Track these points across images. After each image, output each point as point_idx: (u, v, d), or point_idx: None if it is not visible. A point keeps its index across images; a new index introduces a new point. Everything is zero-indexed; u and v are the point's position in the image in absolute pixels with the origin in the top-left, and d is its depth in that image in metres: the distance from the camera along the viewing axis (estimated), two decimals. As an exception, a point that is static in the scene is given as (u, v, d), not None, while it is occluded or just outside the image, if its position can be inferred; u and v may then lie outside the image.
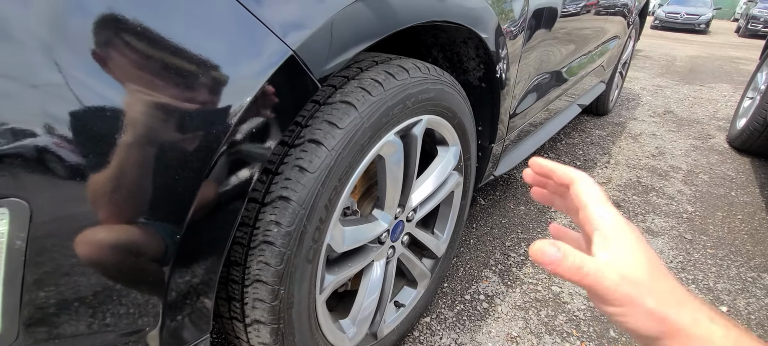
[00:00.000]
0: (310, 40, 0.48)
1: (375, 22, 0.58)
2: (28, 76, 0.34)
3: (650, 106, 3.41)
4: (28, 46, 0.34)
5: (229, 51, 0.43)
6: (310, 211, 0.58)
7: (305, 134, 0.58)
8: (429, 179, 0.90)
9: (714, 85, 4.38)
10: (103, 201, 0.39)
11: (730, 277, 1.41)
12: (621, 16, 2.17)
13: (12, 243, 0.36)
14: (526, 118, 1.38)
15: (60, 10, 0.35)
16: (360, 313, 0.83)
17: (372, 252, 0.80)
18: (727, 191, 2.01)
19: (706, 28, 11.98)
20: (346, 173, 0.62)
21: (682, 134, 2.78)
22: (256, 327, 0.62)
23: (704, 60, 6.23)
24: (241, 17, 0.43)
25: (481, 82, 1.01)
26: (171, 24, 0.39)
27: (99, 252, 0.40)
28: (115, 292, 0.43)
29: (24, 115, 0.35)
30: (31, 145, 0.35)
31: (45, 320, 0.40)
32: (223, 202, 0.47)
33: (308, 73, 0.49)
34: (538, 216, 1.69)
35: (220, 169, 0.45)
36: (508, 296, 1.25)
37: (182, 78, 0.40)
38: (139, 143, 0.39)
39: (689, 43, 8.58)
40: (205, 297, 0.52)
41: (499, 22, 0.90)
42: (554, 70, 1.47)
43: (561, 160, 2.24)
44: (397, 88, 0.67)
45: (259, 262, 0.57)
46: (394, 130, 0.70)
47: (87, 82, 0.36)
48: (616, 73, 2.75)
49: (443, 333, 1.11)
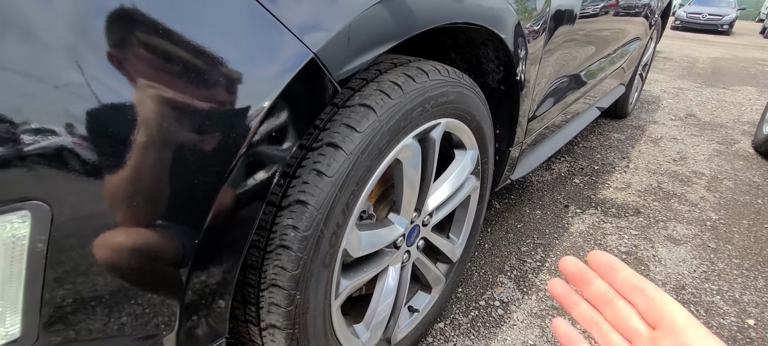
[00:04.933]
0: (331, 43, 0.47)
1: (395, 24, 0.57)
2: (51, 77, 0.34)
3: (671, 110, 3.32)
4: (51, 46, 0.34)
5: (250, 54, 0.42)
6: (328, 215, 0.57)
7: (323, 138, 0.58)
8: (446, 183, 0.88)
9: (738, 88, 4.24)
10: (124, 204, 0.38)
11: (757, 288, 1.36)
12: (643, 16, 2.11)
13: (33, 246, 0.36)
14: (545, 121, 1.35)
15: (82, 12, 0.35)
16: (374, 318, 0.82)
17: (387, 257, 0.79)
18: (753, 199, 1.94)
19: (729, 29, 11.63)
20: (363, 177, 0.61)
21: (705, 139, 2.69)
22: (272, 332, 0.62)
23: (728, 62, 6.05)
24: (262, 20, 0.42)
25: (499, 84, 0.99)
26: (194, 27, 0.39)
27: (119, 255, 0.40)
28: (134, 294, 0.43)
29: (45, 116, 0.34)
30: (52, 147, 0.35)
31: (65, 322, 0.40)
32: (242, 205, 0.46)
33: (328, 75, 0.49)
34: (555, 221, 1.65)
35: (240, 172, 0.44)
36: (524, 303, 1.23)
37: (204, 81, 0.39)
38: (160, 146, 0.38)
39: (712, 45, 8.34)
40: (222, 300, 0.52)
41: (520, 22, 0.88)
42: (574, 72, 1.44)
43: (578, 163, 2.20)
44: (416, 91, 0.66)
45: (275, 266, 0.57)
46: (412, 133, 0.68)
47: (108, 84, 0.36)
48: (636, 75, 2.68)
49: (457, 339, 1.10)
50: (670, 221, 1.72)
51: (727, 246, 1.57)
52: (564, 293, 0.32)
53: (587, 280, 0.31)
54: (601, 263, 0.31)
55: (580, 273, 0.31)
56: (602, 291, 0.30)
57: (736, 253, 1.53)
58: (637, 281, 0.29)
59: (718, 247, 1.57)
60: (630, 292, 0.29)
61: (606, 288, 0.30)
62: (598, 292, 0.30)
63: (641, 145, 2.51)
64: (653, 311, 0.27)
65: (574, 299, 0.32)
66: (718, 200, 1.91)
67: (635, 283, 0.29)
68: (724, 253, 1.53)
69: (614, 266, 0.30)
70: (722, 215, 1.79)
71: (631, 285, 0.29)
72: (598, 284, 0.31)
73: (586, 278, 0.31)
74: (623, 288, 0.29)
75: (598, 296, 0.30)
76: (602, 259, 0.31)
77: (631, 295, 0.29)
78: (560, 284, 0.33)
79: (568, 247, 1.50)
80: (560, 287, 0.32)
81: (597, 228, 1.63)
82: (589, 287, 0.31)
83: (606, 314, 0.30)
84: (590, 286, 0.31)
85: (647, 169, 2.19)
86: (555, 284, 0.33)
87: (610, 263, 0.30)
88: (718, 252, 1.54)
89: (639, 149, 2.45)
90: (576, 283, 0.32)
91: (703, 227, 1.69)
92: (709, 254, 1.52)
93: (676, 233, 1.64)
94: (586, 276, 0.31)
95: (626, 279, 0.29)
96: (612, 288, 0.30)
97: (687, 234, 1.64)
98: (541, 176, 2.05)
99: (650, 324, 0.27)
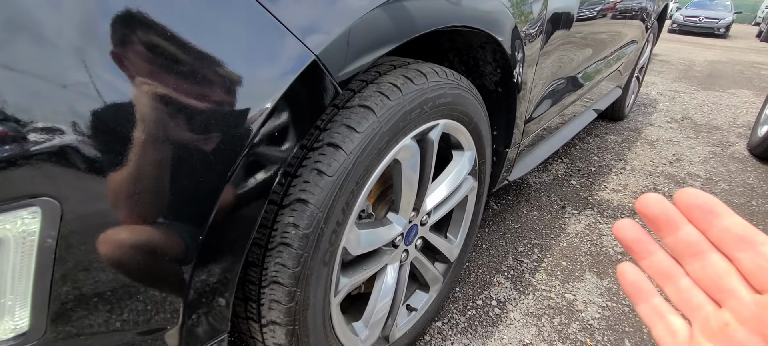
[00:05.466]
0: (332, 45, 0.49)
1: (395, 27, 0.58)
2: (59, 76, 0.35)
3: (667, 112, 3.34)
4: (59, 47, 0.35)
5: (254, 56, 0.43)
6: (328, 214, 0.58)
7: (324, 138, 0.59)
8: (444, 183, 0.90)
9: (734, 91, 4.28)
10: (131, 201, 0.40)
11: (750, 289, 1.37)
12: (639, 20, 2.13)
13: (43, 241, 0.37)
14: (542, 122, 1.37)
15: (90, 13, 0.36)
16: (373, 316, 0.83)
17: (386, 255, 0.80)
18: (747, 200, 1.96)
19: (725, 32, 11.71)
20: (363, 177, 0.62)
21: (700, 141, 2.71)
22: (272, 328, 0.63)
23: (724, 65, 6.09)
24: (265, 22, 0.44)
25: (497, 86, 1.00)
26: (198, 28, 0.40)
27: (125, 251, 0.41)
28: (138, 290, 0.44)
29: (55, 115, 0.35)
30: (61, 145, 0.36)
31: (71, 316, 0.41)
32: (244, 204, 0.47)
33: (330, 77, 0.50)
34: (551, 222, 1.67)
35: (243, 172, 0.45)
36: (521, 303, 1.24)
37: (208, 82, 0.41)
38: (165, 145, 0.40)
39: (708, 48, 8.40)
40: (224, 297, 0.53)
41: (517, 25, 0.89)
42: (570, 74, 1.46)
43: (575, 165, 2.22)
44: (415, 92, 0.67)
45: (276, 263, 0.58)
46: (411, 134, 0.70)
47: (115, 85, 0.37)
48: (632, 78, 2.70)
49: (455, 338, 1.11)
50: (665, 222, 1.73)
51: (722, 247, 1.59)
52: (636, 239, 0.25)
53: (673, 225, 0.23)
54: (697, 206, 0.23)
55: (664, 216, 0.24)
56: (691, 240, 0.23)
57: (730, 254, 1.55)
58: (746, 232, 0.22)
59: (713, 248, 1.58)
60: (734, 245, 0.22)
61: (697, 237, 0.23)
62: (685, 240, 0.23)
63: (637, 147, 2.53)
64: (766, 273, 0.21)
65: (649, 246, 0.25)
66: (712, 202, 1.93)
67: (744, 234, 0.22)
68: (718, 254, 1.55)
69: (715, 211, 0.22)
70: (717, 216, 1.81)
71: (738, 236, 0.22)
72: (687, 231, 0.23)
73: (672, 223, 0.23)
74: (724, 240, 0.22)
75: (684, 245, 0.23)
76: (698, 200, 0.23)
77: (735, 249, 0.22)
78: (632, 227, 0.25)
79: (564, 247, 1.52)
80: (632, 230, 0.25)
81: (593, 229, 1.65)
82: (674, 235, 0.23)
83: (690, 269, 0.23)
84: (676, 233, 0.23)
85: (643, 170, 2.21)
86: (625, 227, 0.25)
87: (709, 207, 0.22)
88: (713, 253, 1.55)
89: (635, 151, 2.47)
90: (656, 229, 0.24)
91: (697, 228, 1.71)
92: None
93: (671, 234, 1.66)
94: (673, 220, 0.23)
95: (731, 228, 0.22)
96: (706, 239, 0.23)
97: (682, 235, 1.65)
98: (539, 177, 2.07)
99: (757, 287, 0.21)
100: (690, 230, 0.23)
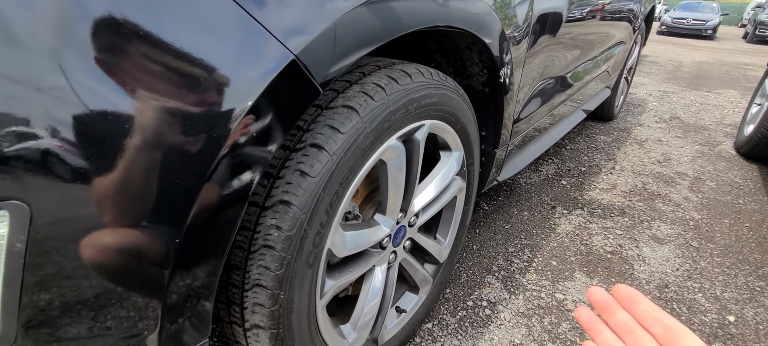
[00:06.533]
0: (312, 44, 0.48)
1: (377, 27, 0.58)
2: (31, 79, 0.34)
3: (656, 112, 3.38)
4: (31, 49, 0.34)
5: (231, 55, 0.43)
6: (311, 215, 0.58)
7: (307, 138, 0.58)
8: (431, 184, 0.90)
9: (721, 91, 4.34)
10: (103, 204, 0.39)
11: (737, 286, 1.39)
12: (626, 21, 2.16)
13: (12, 246, 0.36)
14: (530, 123, 1.38)
15: (62, 13, 0.36)
16: (361, 318, 0.82)
17: (373, 257, 0.80)
18: (734, 199, 1.99)
19: (713, 34, 11.91)
20: (347, 178, 0.62)
21: (688, 140, 2.75)
22: (256, 332, 0.62)
23: (711, 66, 6.19)
24: (243, 22, 0.43)
25: (484, 87, 1.00)
26: (173, 28, 0.39)
27: (98, 255, 0.40)
28: (114, 295, 0.43)
29: (25, 117, 0.35)
30: (32, 148, 0.35)
31: (44, 322, 0.40)
32: (223, 205, 0.47)
33: (310, 77, 0.49)
34: (542, 222, 1.68)
35: (221, 172, 0.45)
36: (511, 303, 1.24)
37: (184, 81, 0.40)
38: (139, 146, 0.39)
39: (696, 49, 8.52)
40: (205, 301, 0.52)
41: (503, 27, 0.90)
42: (559, 75, 1.47)
43: (565, 165, 2.23)
44: (399, 92, 0.67)
45: (259, 266, 0.57)
46: (396, 134, 0.69)
47: (88, 85, 0.36)
48: (621, 79, 2.73)
49: (445, 340, 1.10)
50: (654, 221, 1.75)
51: (709, 245, 1.61)
52: (590, 320, 0.35)
53: (611, 309, 0.34)
54: (624, 296, 0.33)
55: (604, 302, 0.34)
56: (625, 320, 0.33)
57: (717, 252, 1.57)
58: (656, 313, 0.32)
59: (701, 246, 1.60)
60: (650, 323, 0.32)
61: (628, 318, 0.33)
62: (621, 321, 0.33)
63: (627, 147, 2.56)
64: (671, 341, 0.30)
65: (598, 326, 0.34)
66: (700, 200, 1.95)
67: (655, 315, 0.32)
68: (706, 252, 1.57)
69: (636, 299, 0.33)
70: (705, 214, 1.83)
71: (652, 316, 0.32)
72: (621, 314, 0.33)
73: (610, 308, 0.34)
74: (644, 319, 0.32)
75: (621, 324, 0.33)
76: (625, 292, 0.34)
77: (651, 325, 0.32)
78: (586, 312, 0.35)
79: (555, 247, 1.52)
80: (586, 314, 0.35)
81: (583, 228, 1.65)
82: (613, 316, 0.34)
83: (628, 342, 0.33)
84: (614, 315, 0.34)
85: (632, 170, 2.23)
86: (582, 312, 0.35)
87: (632, 296, 0.33)
88: (701, 251, 1.57)
89: (625, 151, 2.50)
90: (600, 311, 0.35)
91: (686, 227, 1.73)
92: (692, 253, 1.55)
93: (660, 232, 1.67)
94: (610, 306, 0.34)
95: (647, 311, 0.32)
96: (634, 318, 0.33)
97: (670, 234, 1.67)
98: (529, 177, 2.07)
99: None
100: (623, 313, 0.33)
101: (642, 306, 0.32)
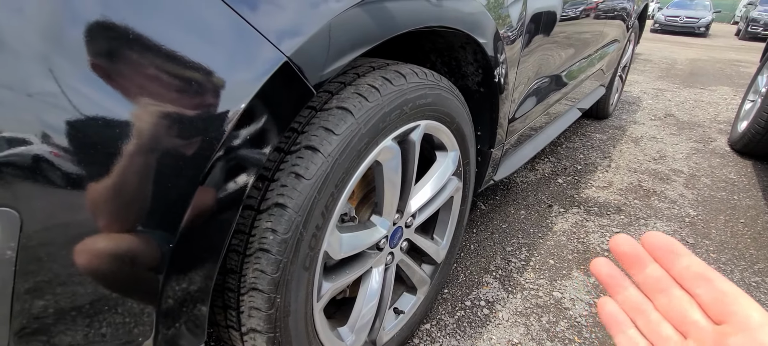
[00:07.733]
0: (305, 46, 0.48)
1: (371, 27, 0.58)
2: (21, 84, 0.34)
3: (651, 110, 3.40)
4: (21, 54, 0.34)
5: (223, 58, 0.42)
6: (307, 218, 0.57)
7: (301, 141, 0.58)
8: (428, 185, 0.89)
9: (715, 88, 4.37)
10: (95, 209, 0.38)
11: (733, 281, 1.39)
12: (620, 19, 2.17)
13: (2, 253, 0.36)
14: (526, 122, 1.38)
15: (53, 18, 0.35)
16: (359, 320, 0.82)
17: (370, 259, 0.79)
18: (729, 195, 2.00)
19: (705, 31, 11.99)
20: (342, 180, 0.61)
21: (683, 138, 2.77)
22: (253, 336, 0.61)
23: (704, 63, 6.23)
24: (236, 25, 0.43)
25: (479, 86, 1.00)
26: (164, 31, 0.39)
27: (91, 261, 0.40)
28: (108, 301, 0.43)
29: (14, 123, 0.34)
30: (21, 154, 0.34)
31: (38, 330, 0.40)
32: (217, 209, 0.46)
33: (303, 79, 0.49)
34: (539, 221, 1.68)
35: (215, 175, 0.44)
36: (509, 302, 1.24)
37: (175, 85, 0.40)
38: (131, 150, 0.38)
39: (689, 47, 8.58)
40: (201, 305, 0.51)
41: (497, 26, 0.90)
42: (553, 74, 1.47)
43: (561, 164, 2.24)
44: (394, 93, 0.67)
45: (254, 270, 0.57)
46: (391, 135, 0.69)
47: (78, 89, 0.36)
48: (616, 77, 2.75)
49: (443, 340, 1.10)
50: (650, 218, 1.76)
51: (705, 241, 1.62)
52: (610, 274, 0.28)
53: (641, 263, 0.27)
54: (659, 246, 0.26)
55: (633, 254, 0.27)
56: (657, 277, 0.26)
57: (713, 248, 1.58)
58: (702, 270, 0.25)
59: (697, 242, 1.61)
60: (693, 281, 0.25)
61: (662, 274, 0.26)
62: (652, 277, 0.26)
63: (622, 145, 2.57)
64: (721, 305, 0.24)
65: (621, 282, 0.28)
66: (696, 197, 1.96)
67: (700, 271, 0.25)
68: (702, 248, 1.57)
69: (675, 251, 0.26)
70: (700, 211, 1.84)
71: (696, 273, 0.25)
72: (653, 268, 0.27)
73: (640, 261, 0.27)
74: (684, 277, 0.26)
75: (651, 281, 0.26)
76: (660, 241, 0.26)
77: (694, 285, 0.25)
78: (606, 264, 0.28)
79: (552, 246, 1.52)
80: (606, 267, 0.28)
81: (580, 226, 1.66)
82: (642, 272, 0.27)
83: (657, 303, 0.26)
84: (643, 270, 0.27)
85: (628, 168, 2.24)
86: (600, 264, 0.28)
87: (670, 247, 0.26)
88: (697, 247, 1.58)
89: (620, 149, 2.51)
90: (627, 265, 0.28)
91: (682, 223, 1.73)
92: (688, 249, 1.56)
93: (656, 229, 1.68)
94: (641, 258, 0.27)
95: (689, 267, 0.25)
96: (669, 275, 0.26)
97: (666, 230, 1.68)
98: (526, 176, 2.08)
99: (714, 319, 0.24)
100: (655, 268, 0.27)
101: (683, 261, 0.25)
